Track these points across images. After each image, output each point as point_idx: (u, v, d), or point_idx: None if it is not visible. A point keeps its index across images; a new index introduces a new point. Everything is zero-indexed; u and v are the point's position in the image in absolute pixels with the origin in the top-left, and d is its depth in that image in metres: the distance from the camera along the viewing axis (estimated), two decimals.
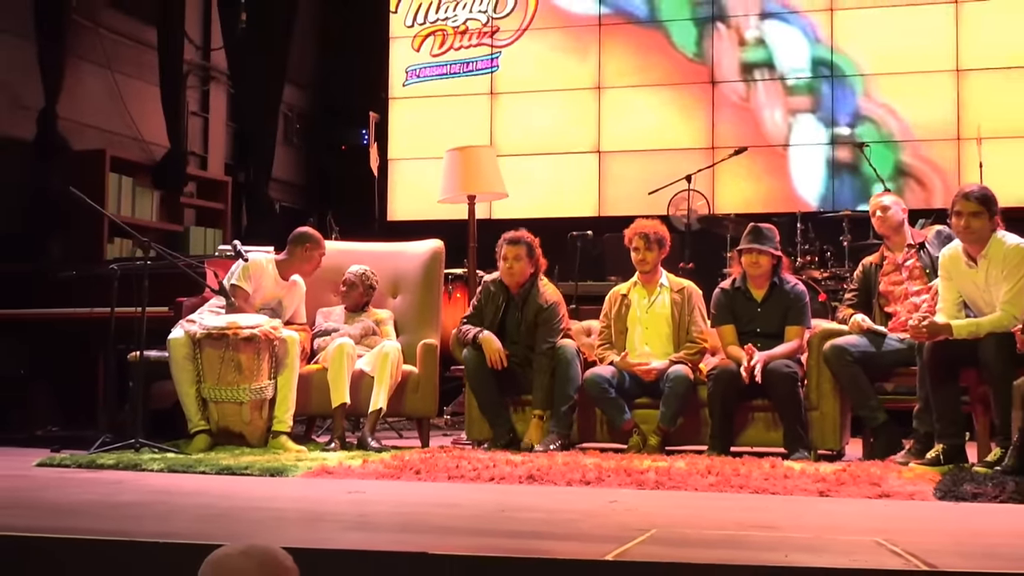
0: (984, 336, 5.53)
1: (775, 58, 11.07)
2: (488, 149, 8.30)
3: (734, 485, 4.96)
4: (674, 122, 11.29)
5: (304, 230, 6.97)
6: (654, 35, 11.41)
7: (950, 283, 5.82)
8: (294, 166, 12.00)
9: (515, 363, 6.58)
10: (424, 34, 12.01)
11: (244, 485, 5.12)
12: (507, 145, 11.36)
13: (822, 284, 8.50)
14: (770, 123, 11.03)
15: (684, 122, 11.26)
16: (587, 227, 9.80)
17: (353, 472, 5.37)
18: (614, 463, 5.52)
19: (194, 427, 6.26)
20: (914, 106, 10.65)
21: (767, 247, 6.44)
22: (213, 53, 10.72)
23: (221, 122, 10.90)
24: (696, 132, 11.20)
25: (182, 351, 6.29)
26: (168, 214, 9.64)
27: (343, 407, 6.49)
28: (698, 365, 6.47)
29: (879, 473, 5.21)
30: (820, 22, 10.96)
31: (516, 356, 6.59)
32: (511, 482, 5.12)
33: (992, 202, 5.68)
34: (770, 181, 11.00)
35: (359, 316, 6.95)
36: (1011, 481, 4.81)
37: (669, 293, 6.66)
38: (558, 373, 6.42)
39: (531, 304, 6.66)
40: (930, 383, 5.69)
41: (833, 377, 6.18)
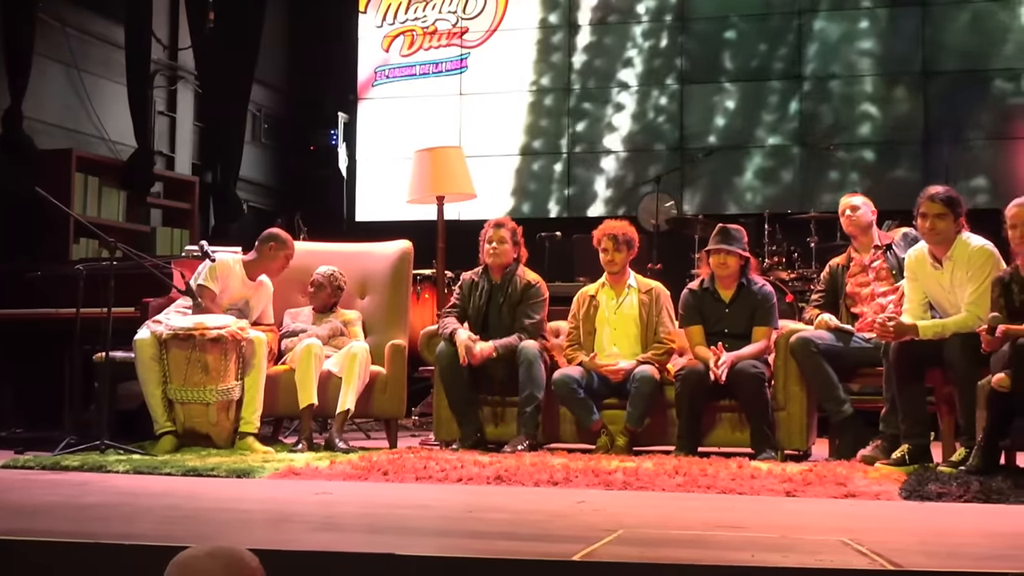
0: (949, 336, 5.57)
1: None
2: (456, 150, 8.28)
3: (701, 485, 4.97)
4: (643, 123, 11.31)
5: (272, 231, 6.94)
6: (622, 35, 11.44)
7: (916, 284, 5.86)
8: (262, 166, 11.94)
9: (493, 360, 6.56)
10: (393, 35, 11.99)
11: (210, 486, 5.09)
12: (476, 146, 11.36)
13: (789, 285, 8.55)
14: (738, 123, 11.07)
15: (653, 123, 11.28)
16: (556, 228, 9.82)
17: (320, 473, 5.36)
18: (582, 464, 5.53)
19: (160, 428, 6.22)
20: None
21: (735, 248, 6.46)
22: (181, 52, 10.66)
23: (188, 122, 10.84)
24: (665, 133, 11.22)
25: (148, 352, 6.25)
26: (135, 214, 9.57)
27: (310, 408, 6.47)
28: (666, 365, 6.49)
29: (845, 473, 5.24)
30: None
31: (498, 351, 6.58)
32: (479, 483, 5.12)
33: (957, 204, 5.73)
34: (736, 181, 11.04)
35: (327, 317, 6.93)
36: (975, 481, 4.85)
37: (637, 294, 6.68)
38: (521, 374, 6.43)
39: (515, 286, 6.69)
40: (896, 383, 5.73)
41: (799, 369, 6.21)
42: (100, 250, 8.12)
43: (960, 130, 10.38)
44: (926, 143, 10.54)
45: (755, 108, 10.99)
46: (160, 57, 10.33)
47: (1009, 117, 10.42)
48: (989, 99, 10.45)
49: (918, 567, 3.14)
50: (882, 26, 10.80)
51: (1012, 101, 10.40)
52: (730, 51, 11.11)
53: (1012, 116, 10.41)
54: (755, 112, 11.01)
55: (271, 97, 12.04)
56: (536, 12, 11.69)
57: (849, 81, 10.83)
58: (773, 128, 10.97)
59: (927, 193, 5.82)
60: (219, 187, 10.56)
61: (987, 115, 10.46)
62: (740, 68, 11.05)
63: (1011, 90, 10.40)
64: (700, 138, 10.95)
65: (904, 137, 10.65)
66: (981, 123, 10.46)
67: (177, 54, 10.66)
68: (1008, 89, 10.42)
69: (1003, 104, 10.43)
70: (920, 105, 10.62)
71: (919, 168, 10.51)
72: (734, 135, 11.02)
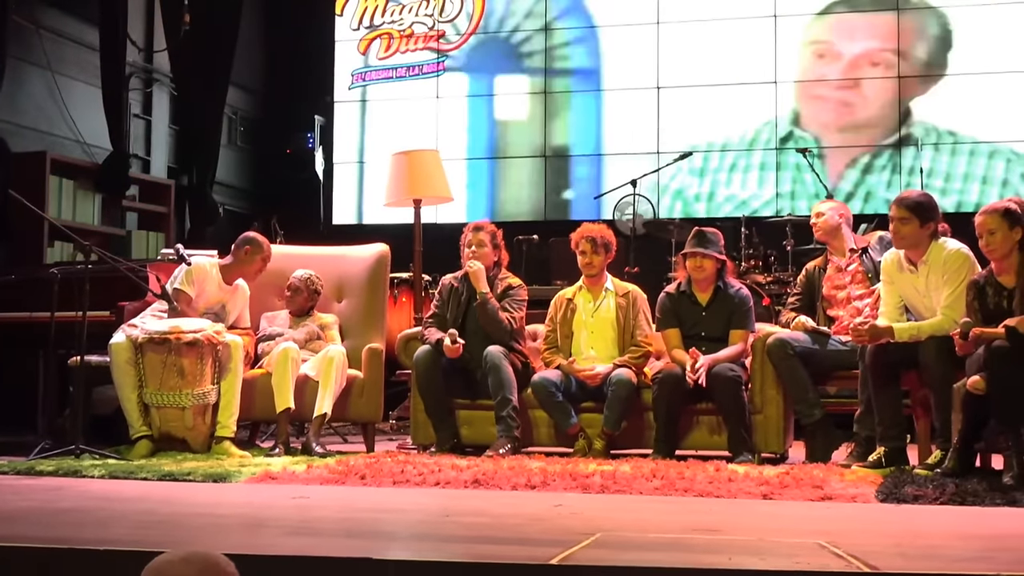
0: (925, 339, 5.59)
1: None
2: (433, 153, 8.28)
3: (679, 488, 4.98)
4: (620, 125, 11.33)
5: (248, 235, 6.91)
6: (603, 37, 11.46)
7: (892, 287, 5.89)
8: (238, 169, 11.91)
9: (469, 359, 6.56)
10: (370, 38, 11.98)
11: (186, 491, 5.07)
12: (452, 149, 11.36)
13: (766, 288, 8.57)
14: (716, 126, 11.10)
15: (630, 126, 11.30)
16: (533, 231, 9.82)
17: (297, 477, 5.34)
18: (559, 467, 5.53)
19: (136, 433, 6.18)
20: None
21: (711, 251, 6.48)
22: (156, 55, 10.62)
23: (164, 125, 10.80)
24: (642, 136, 11.24)
25: (124, 356, 6.21)
26: (110, 217, 9.53)
27: (287, 412, 6.44)
28: (642, 369, 6.49)
29: (822, 476, 5.26)
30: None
31: (476, 351, 6.55)
32: (456, 486, 5.11)
33: (923, 209, 5.74)
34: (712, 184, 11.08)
35: (304, 320, 6.91)
36: (951, 483, 4.88)
37: (614, 297, 6.69)
38: (490, 380, 6.42)
39: (496, 288, 6.68)
40: (872, 385, 5.75)
41: (774, 370, 6.23)
42: (75, 253, 8.08)
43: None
44: (902, 146, 10.61)
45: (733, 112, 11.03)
46: (135, 59, 10.28)
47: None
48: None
49: (894, 569, 3.16)
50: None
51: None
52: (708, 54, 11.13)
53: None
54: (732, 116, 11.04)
55: (247, 100, 12.01)
56: (513, 16, 11.69)
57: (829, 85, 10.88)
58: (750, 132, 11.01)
59: (896, 198, 5.89)
60: (195, 190, 10.53)
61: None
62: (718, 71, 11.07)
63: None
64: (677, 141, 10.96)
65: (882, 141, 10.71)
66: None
67: (152, 56, 10.62)
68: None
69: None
70: (895, 107, 10.68)
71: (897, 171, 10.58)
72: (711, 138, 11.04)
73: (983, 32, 10.53)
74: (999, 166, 10.44)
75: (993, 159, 10.46)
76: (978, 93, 10.47)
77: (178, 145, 10.89)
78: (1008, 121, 10.40)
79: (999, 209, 5.38)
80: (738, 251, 8.90)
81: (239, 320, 6.81)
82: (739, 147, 11.03)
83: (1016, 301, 5.27)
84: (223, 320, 6.62)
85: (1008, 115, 10.40)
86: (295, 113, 11.67)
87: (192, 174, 10.60)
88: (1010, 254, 5.34)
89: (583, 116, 11.48)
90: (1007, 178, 10.40)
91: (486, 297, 6.60)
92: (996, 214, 5.36)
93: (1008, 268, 5.35)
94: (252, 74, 12.01)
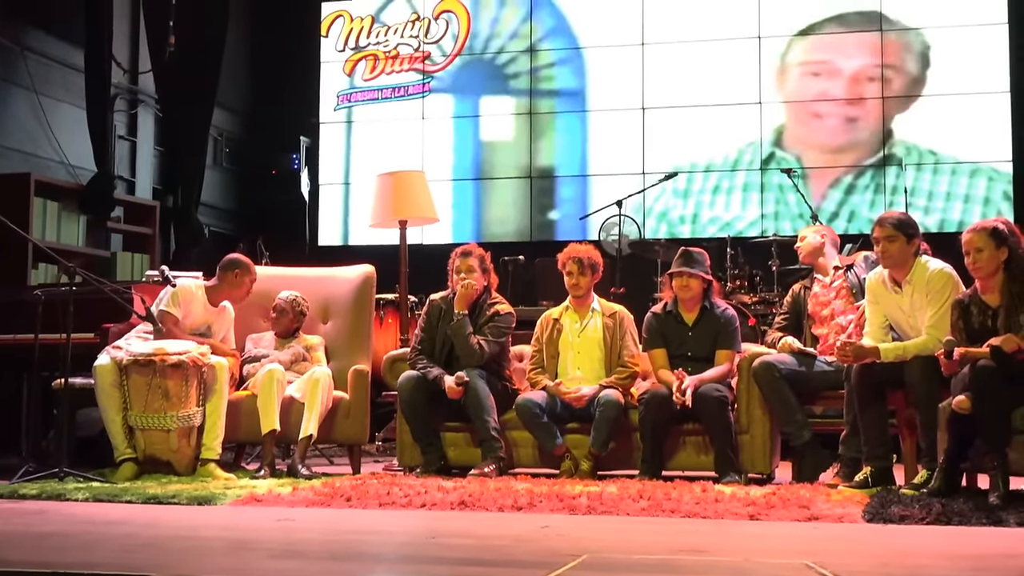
0: (910, 359, 5.60)
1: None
2: (419, 174, 8.27)
3: (665, 509, 4.97)
4: (605, 146, 11.36)
5: (234, 256, 6.90)
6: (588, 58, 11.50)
7: (876, 307, 5.90)
8: (224, 191, 11.90)
9: None
10: (356, 59, 12.00)
11: (171, 514, 5.04)
12: (438, 170, 11.39)
13: (751, 308, 8.58)
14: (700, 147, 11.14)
15: (615, 146, 11.33)
16: (519, 252, 9.83)
17: (283, 500, 5.32)
18: (546, 488, 5.52)
19: (120, 455, 6.15)
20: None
21: (697, 271, 6.49)
22: (141, 76, 10.62)
23: (149, 146, 10.79)
24: (627, 156, 11.27)
25: (109, 378, 6.19)
26: (95, 239, 9.51)
27: (273, 434, 6.42)
28: (629, 389, 6.49)
29: (808, 496, 5.26)
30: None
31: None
32: (443, 508, 5.10)
33: (908, 227, 5.78)
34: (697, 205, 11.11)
35: (289, 342, 6.90)
36: (937, 503, 4.88)
37: (601, 317, 6.68)
38: (469, 403, 6.41)
39: (483, 314, 6.65)
40: (858, 405, 5.75)
41: (761, 393, 6.23)
42: (59, 275, 8.06)
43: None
44: (885, 165, 10.66)
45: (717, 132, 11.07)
46: (120, 81, 10.28)
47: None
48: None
49: None
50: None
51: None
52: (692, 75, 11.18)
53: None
54: (717, 136, 11.08)
55: (232, 121, 12.01)
56: (498, 37, 11.73)
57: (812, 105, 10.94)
58: (734, 152, 11.05)
59: (879, 218, 5.92)
60: (180, 212, 10.51)
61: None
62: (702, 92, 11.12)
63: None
64: (662, 162, 10.99)
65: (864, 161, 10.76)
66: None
67: (138, 78, 10.62)
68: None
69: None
70: (879, 127, 10.74)
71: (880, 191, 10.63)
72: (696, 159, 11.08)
73: (961, 52, 10.61)
74: (981, 184, 10.51)
75: (975, 177, 10.53)
76: (958, 113, 10.55)
77: (163, 166, 10.88)
78: (988, 140, 10.47)
79: (987, 228, 5.40)
80: (724, 271, 8.91)
81: (224, 341, 6.79)
82: (723, 168, 11.07)
83: (1001, 320, 5.29)
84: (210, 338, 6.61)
85: (988, 134, 10.47)
86: (280, 134, 11.67)
87: (177, 195, 10.59)
88: (996, 273, 5.35)
89: (568, 137, 11.52)
90: (988, 196, 10.46)
91: (461, 320, 6.57)
92: (984, 233, 5.38)
93: (993, 287, 5.37)
94: (237, 95, 12.02)
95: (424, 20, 11.86)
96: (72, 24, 9.56)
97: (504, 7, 11.75)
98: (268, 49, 12.20)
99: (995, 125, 10.46)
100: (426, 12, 11.88)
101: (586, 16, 11.55)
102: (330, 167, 11.94)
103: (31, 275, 8.36)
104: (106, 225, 9.62)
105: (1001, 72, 10.48)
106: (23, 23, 9.20)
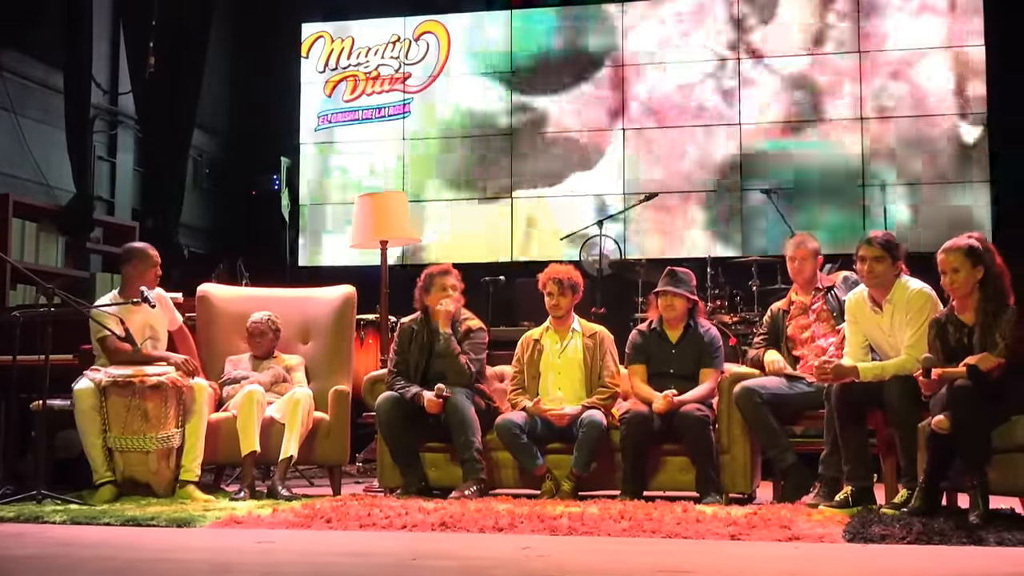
0: (889, 379, 5.62)
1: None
2: (400, 194, 8.31)
3: (647, 530, 4.97)
4: (586, 167, 11.39)
5: (127, 248, 6.82)
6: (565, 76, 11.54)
7: (856, 327, 5.93)
8: (203, 211, 11.88)
9: None
10: (336, 79, 12.02)
11: (150, 536, 5.02)
12: (419, 190, 11.39)
13: (732, 328, 8.61)
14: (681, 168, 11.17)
15: (596, 166, 11.35)
16: (499, 272, 9.84)
17: (263, 522, 5.30)
18: (527, 509, 5.51)
19: (99, 478, 6.13)
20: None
21: (682, 290, 6.51)
22: (121, 97, 10.61)
23: (129, 167, 10.77)
24: (607, 177, 11.29)
25: (88, 401, 6.16)
26: (74, 260, 9.48)
27: (253, 455, 6.40)
28: (610, 409, 6.50)
29: (789, 516, 5.27)
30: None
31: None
32: (424, 529, 5.09)
33: (895, 247, 5.81)
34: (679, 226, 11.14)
35: (268, 362, 6.87)
36: (918, 522, 4.89)
37: (581, 338, 6.69)
38: (453, 422, 6.40)
39: (458, 330, 6.66)
40: (838, 425, 5.77)
41: (743, 419, 6.24)
42: (38, 296, 8.02)
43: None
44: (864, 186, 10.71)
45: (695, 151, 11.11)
46: (100, 102, 10.27)
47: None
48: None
49: None
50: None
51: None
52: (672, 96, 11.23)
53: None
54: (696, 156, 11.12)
55: (212, 142, 12.01)
56: (479, 57, 11.76)
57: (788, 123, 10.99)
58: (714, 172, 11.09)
59: (865, 236, 5.93)
60: (160, 233, 10.48)
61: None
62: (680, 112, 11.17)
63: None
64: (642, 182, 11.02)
65: (843, 181, 10.81)
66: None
67: (117, 99, 10.62)
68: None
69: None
70: (859, 148, 10.79)
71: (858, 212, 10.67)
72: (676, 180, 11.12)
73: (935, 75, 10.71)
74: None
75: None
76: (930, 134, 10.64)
77: (143, 187, 10.85)
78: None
79: (962, 247, 5.42)
80: (704, 291, 8.94)
81: (171, 323, 6.76)
82: (704, 188, 11.09)
83: (976, 338, 5.32)
84: (159, 340, 6.60)
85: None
86: (260, 155, 11.66)
87: (157, 216, 10.56)
88: (972, 292, 5.38)
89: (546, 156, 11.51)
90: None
91: (449, 338, 6.58)
92: (959, 252, 5.40)
93: (969, 306, 5.40)
94: (217, 116, 12.02)
95: (405, 41, 11.89)
96: (51, 45, 9.54)
97: (482, 30, 11.77)
98: (248, 70, 12.21)
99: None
100: (407, 34, 11.90)
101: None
102: (310, 188, 11.94)
103: (9, 296, 8.34)
104: (85, 246, 9.60)
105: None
106: (1, 45, 9.18)
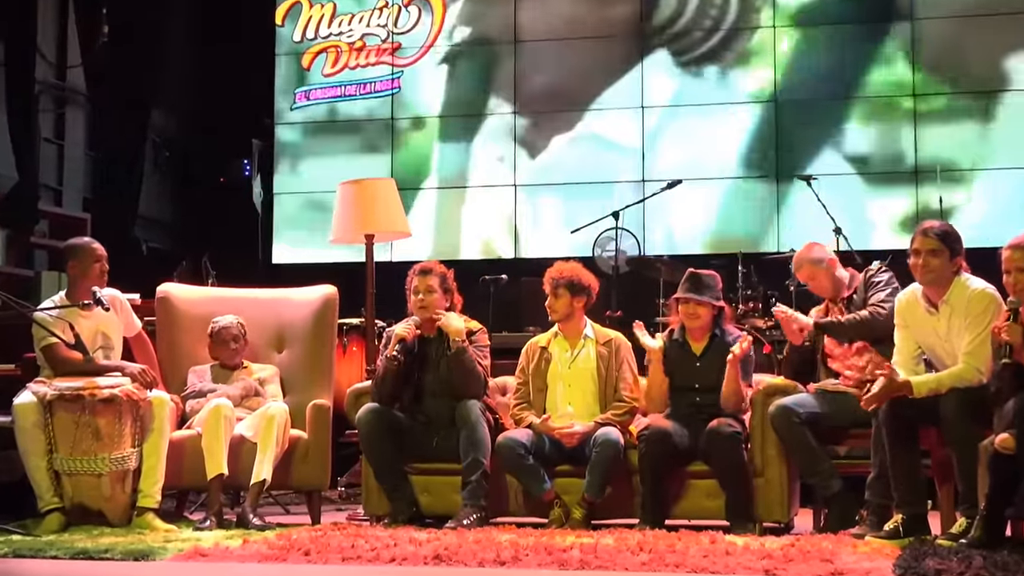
0: (945, 392, 5.59)
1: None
2: (387, 182, 8.28)
3: (669, 564, 4.97)
4: (601, 151, 11.39)
5: (68, 244, 6.81)
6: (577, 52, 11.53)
7: (907, 332, 5.87)
8: (163, 201, 11.89)
9: (426, 422, 6.56)
10: (315, 51, 12.02)
11: (103, 571, 5.04)
12: (410, 178, 11.39)
13: (766, 334, 8.58)
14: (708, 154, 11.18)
15: (612, 151, 11.36)
16: (502, 270, 9.83)
17: (232, 554, 5.31)
18: (532, 540, 5.52)
19: (45, 505, 6.14)
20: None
21: (706, 297, 6.48)
22: (70, 71, 10.63)
23: (79, 150, 10.80)
24: (625, 162, 11.30)
25: (31, 418, 6.16)
26: (16, 257, 9.51)
27: (220, 479, 6.40)
28: (628, 427, 6.49)
29: (831, 548, 5.27)
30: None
31: (433, 413, 6.58)
32: (415, 563, 5.09)
33: (953, 240, 5.76)
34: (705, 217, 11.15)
35: (238, 373, 6.87)
36: (978, 555, 4.88)
37: (594, 345, 6.68)
38: (462, 438, 6.40)
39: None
40: (887, 445, 5.73)
41: (779, 441, 6.23)
42: None
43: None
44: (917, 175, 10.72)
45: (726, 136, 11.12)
46: (46, 76, 10.28)
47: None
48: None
49: None
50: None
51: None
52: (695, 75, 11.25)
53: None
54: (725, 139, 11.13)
55: (174, 122, 12.01)
56: (477, 26, 11.75)
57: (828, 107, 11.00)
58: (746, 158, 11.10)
59: (921, 227, 5.87)
60: (114, 225, 10.50)
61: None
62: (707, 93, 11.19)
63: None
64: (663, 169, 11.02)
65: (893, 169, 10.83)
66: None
67: (66, 73, 10.63)
68: None
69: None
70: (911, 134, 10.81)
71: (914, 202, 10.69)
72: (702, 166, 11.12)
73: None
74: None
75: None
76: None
77: (95, 174, 10.87)
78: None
79: None
80: (735, 292, 8.92)
81: (127, 328, 6.77)
82: (735, 175, 11.09)
83: None
84: (113, 347, 6.60)
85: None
86: (230, 137, 11.68)
87: (111, 207, 10.58)
88: None
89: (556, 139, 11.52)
90: None
91: (462, 347, 6.55)
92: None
93: None
94: (180, 93, 12.02)
95: (394, 7, 11.88)
96: None
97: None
98: (215, 41, 12.17)
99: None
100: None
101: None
102: (286, 174, 11.94)
103: None
104: (29, 240, 9.62)
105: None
106: None
